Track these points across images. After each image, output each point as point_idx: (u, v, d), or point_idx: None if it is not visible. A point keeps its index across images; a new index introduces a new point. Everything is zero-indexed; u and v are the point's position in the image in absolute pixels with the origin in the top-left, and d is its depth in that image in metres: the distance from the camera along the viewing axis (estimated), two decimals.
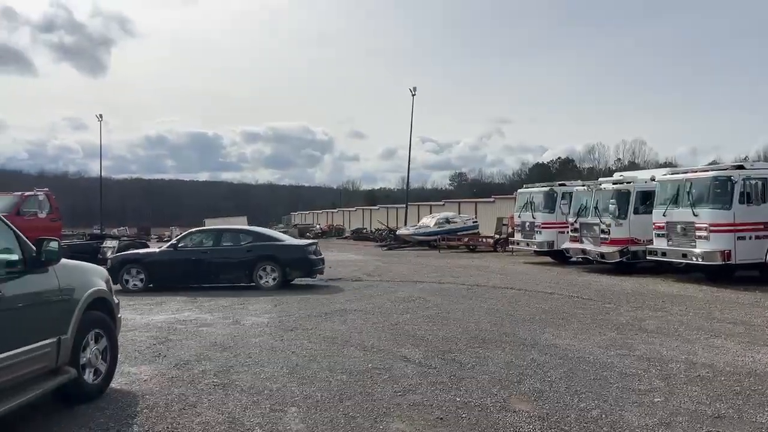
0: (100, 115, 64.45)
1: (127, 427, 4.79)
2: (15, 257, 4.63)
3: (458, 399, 5.49)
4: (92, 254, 18.30)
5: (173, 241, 15.66)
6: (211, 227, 16.66)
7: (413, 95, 48.50)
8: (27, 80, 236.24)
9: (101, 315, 5.65)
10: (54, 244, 4.74)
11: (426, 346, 7.76)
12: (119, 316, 6.18)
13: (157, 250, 15.53)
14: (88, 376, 5.40)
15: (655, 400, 5.42)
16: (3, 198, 17.66)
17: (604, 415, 5.01)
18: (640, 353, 7.27)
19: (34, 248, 4.70)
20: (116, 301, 6.12)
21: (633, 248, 16.96)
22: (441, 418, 4.98)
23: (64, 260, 5.40)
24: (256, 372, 6.48)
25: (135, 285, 14.40)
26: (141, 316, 10.34)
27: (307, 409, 5.21)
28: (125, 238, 22.26)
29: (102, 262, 18.33)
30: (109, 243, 18.34)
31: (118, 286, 14.22)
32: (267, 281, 14.35)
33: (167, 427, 4.77)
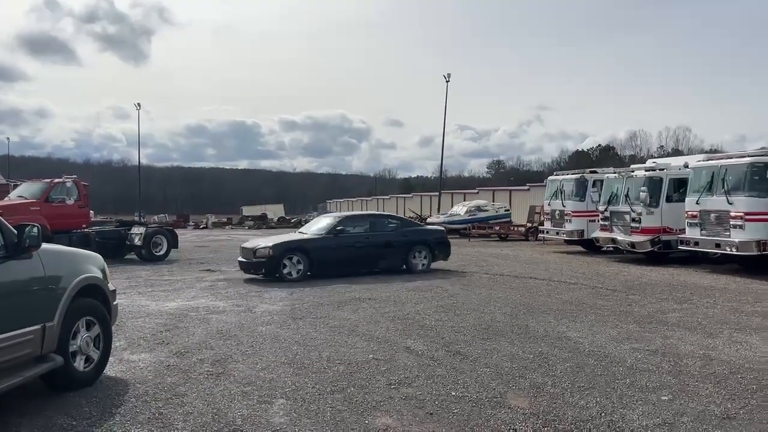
0: (138, 104, 65.47)
1: (110, 416, 4.73)
2: None
3: (453, 393, 5.29)
4: (120, 240, 18.63)
5: (328, 226, 14.64)
6: (361, 213, 16.94)
7: (447, 81, 48.04)
8: (72, 69, 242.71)
9: (93, 302, 5.60)
10: (35, 230, 4.67)
11: (433, 337, 7.56)
12: (115, 303, 6.13)
13: (318, 236, 14.43)
14: (79, 364, 5.37)
15: (662, 399, 5.11)
16: (33, 185, 17.98)
17: (603, 414, 4.74)
18: (655, 347, 6.92)
19: (16, 234, 4.64)
20: (112, 288, 6.07)
21: (665, 238, 16.35)
22: (431, 413, 4.79)
23: (53, 247, 5.38)
24: (254, 362, 6.38)
25: (294, 273, 13.53)
26: (155, 303, 10.37)
27: (294, 402, 5.07)
28: (153, 225, 22.50)
29: (130, 248, 18.69)
30: (137, 230, 18.55)
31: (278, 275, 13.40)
32: (420, 264, 14.91)
33: (149, 417, 4.69)
